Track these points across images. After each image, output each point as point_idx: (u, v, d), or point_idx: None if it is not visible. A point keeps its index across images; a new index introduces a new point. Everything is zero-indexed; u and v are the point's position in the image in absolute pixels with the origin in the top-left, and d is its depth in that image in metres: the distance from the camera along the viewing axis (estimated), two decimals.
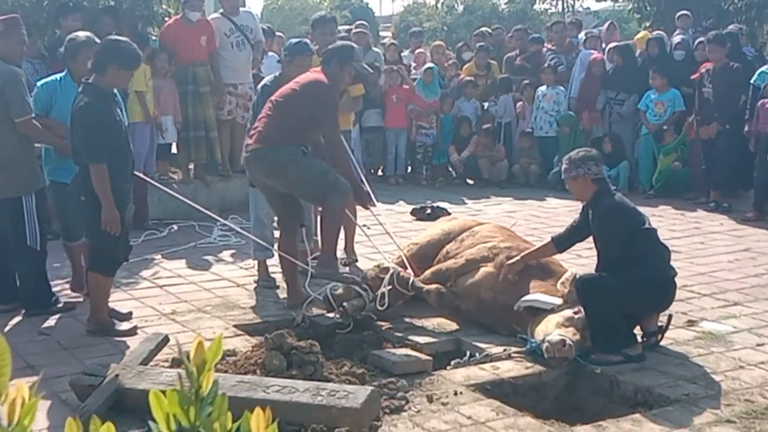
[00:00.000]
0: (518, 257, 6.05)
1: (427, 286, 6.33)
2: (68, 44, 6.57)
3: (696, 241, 9.08)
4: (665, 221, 10.02)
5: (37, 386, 1.24)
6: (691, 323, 6.30)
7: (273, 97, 6.50)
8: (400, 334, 5.93)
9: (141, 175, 6.90)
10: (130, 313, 6.31)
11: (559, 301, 5.69)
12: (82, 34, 6.62)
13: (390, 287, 6.24)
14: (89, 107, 5.73)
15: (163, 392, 1.25)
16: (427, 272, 6.51)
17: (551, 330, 5.42)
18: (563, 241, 6.13)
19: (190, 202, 6.79)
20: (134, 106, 9.49)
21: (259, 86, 7.57)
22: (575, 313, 5.54)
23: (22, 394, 1.13)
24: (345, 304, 6.13)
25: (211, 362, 1.25)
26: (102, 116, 5.76)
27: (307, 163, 6.19)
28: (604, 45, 12.99)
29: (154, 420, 1.26)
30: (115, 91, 6.04)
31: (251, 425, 1.23)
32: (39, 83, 6.83)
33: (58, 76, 6.65)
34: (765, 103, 10.13)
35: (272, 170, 6.27)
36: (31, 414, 1.13)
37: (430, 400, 4.92)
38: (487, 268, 6.21)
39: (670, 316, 5.80)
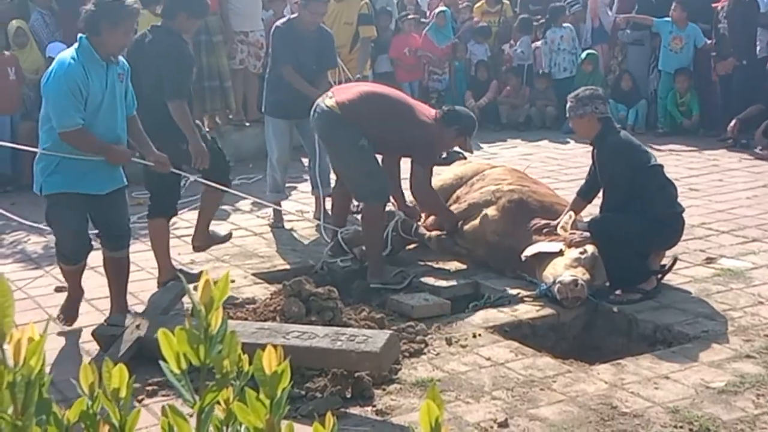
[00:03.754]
0: (562, 219, 5.89)
1: (428, 233, 6.35)
2: (113, 7, 5.00)
3: (714, 178, 9.02)
4: (683, 159, 9.95)
5: (46, 327, 1.25)
6: (709, 260, 6.28)
7: (384, 91, 6.32)
8: (418, 279, 5.95)
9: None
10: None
11: (561, 245, 5.67)
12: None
13: (394, 233, 6.28)
14: (177, 47, 5.90)
15: (172, 331, 1.26)
16: (431, 218, 6.50)
17: (560, 272, 5.42)
18: (587, 192, 6.07)
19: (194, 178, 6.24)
20: None
21: (272, 29, 7.52)
22: (581, 253, 5.54)
23: (29, 334, 1.13)
24: (355, 249, 6.17)
25: (218, 300, 1.25)
26: (185, 56, 5.99)
27: (363, 156, 6.00)
28: None
29: (165, 360, 1.26)
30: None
31: (263, 363, 1.23)
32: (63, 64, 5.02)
33: (70, 55, 4.98)
34: None
35: (330, 139, 6.12)
36: (38, 354, 1.14)
37: (449, 342, 4.94)
38: (490, 212, 6.16)
39: (675, 259, 5.77)
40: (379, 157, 6.28)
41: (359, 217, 6.77)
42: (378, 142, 6.07)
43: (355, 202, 7.28)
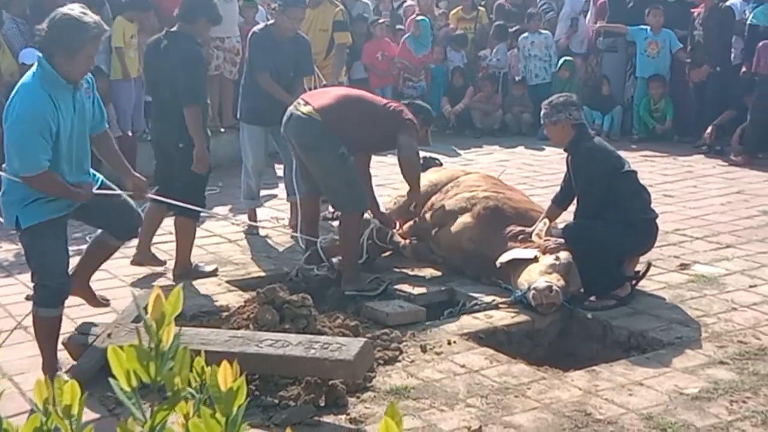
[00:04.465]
0: (537, 227, 5.91)
1: (403, 241, 6.34)
2: (70, 32, 4.44)
3: (689, 184, 9.07)
4: (657, 165, 10.00)
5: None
6: (683, 266, 6.30)
7: (356, 92, 6.46)
8: (394, 287, 5.93)
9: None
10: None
11: (536, 252, 5.68)
12: (88, 18, 4.51)
13: (370, 241, 6.28)
14: (196, 52, 6.07)
15: (122, 347, 1.23)
16: (406, 226, 6.49)
17: (535, 278, 5.43)
18: (562, 200, 6.08)
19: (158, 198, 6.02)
20: (116, 63, 9.39)
21: (249, 35, 7.49)
22: (556, 260, 5.55)
23: None
24: (334, 259, 6.15)
25: (170, 315, 1.22)
26: (202, 61, 6.20)
27: (343, 164, 5.95)
28: None
29: (114, 377, 1.23)
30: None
31: (218, 379, 1.20)
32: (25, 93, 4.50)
33: (32, 83, 4.45)
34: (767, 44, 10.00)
35: (310, 147, 6.01)
36: None
37: (423, 350, 4.93)
38: (465, 219, 6.16)
39: (648, 264, 5.79)
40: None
41: (335, 224, 6.75)
42: (359, 143, 6.07)
43: (331, 209, 7.26)
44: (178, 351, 1.19)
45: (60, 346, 4.80)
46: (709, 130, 10.47)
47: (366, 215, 6.37)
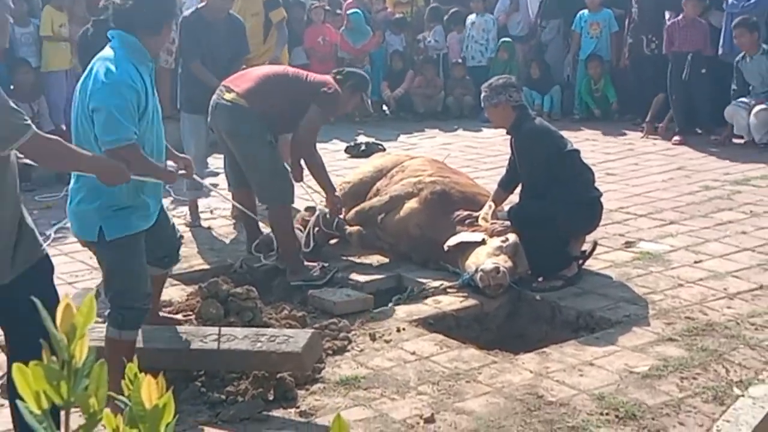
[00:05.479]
0: (484, 211, 5.87)
1: (349, 228, 6.26)
2: (168, 5, 4.32)
3: (630, 162, 9.11)
4: (599, 144, 10.05)
5: None
6: (628, 244, 6.32)
7: (278, 69, 6.23)
8: (340, 274, 5.85)
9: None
10: None
11: (483, 235, 5.64)
12: None
13: (317, 228, 6.19)
14: None
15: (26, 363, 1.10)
16: (351, 212, 6.39)
17: (482, 260, 5.39)
18: (508, 183, 6.04)
19: None
20: (47, 54, 9.15)
21: (179, 21, 7.29)
22: (503, 242, 5.52)
23: None
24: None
25: (82, 328, 1.09)
26: None
27: (270, 153, 5.84)
28: None
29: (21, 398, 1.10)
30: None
31: (142, 396, 1.09)
32: None
33: (122, 57, 4.04)
34: (678, 22, 10.07)
35: (236, 134, 5.87)
36: None
37: (372, 338, 4.86)
38: (412, 204, 6.09)
39: (595, 243, 5.78)
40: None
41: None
42: (287, 123, 5.94)
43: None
44: (93, 367, 1.07)
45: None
46: (646, 126, 10.49)
47: (314, 203, 6.29)
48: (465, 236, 5.69)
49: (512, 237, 5.57)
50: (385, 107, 12.86)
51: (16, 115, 3.32)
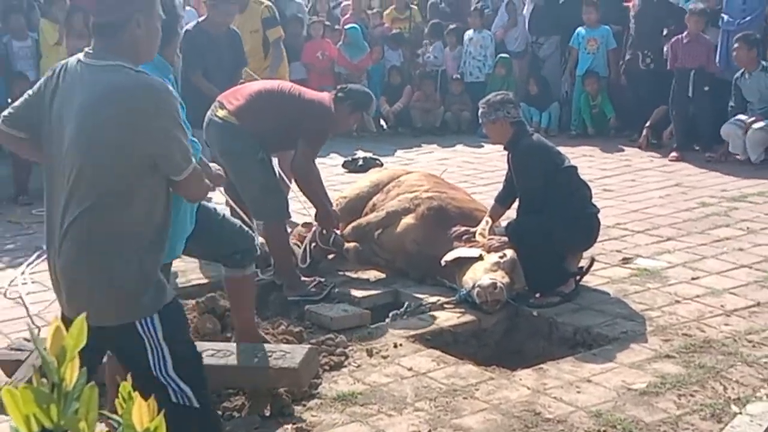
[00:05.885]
0: (481, 227, 5.85)
1: (346, 244, 6.24)
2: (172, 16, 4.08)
3: (627, 178, 9.12)
4: (596, 160, 10.06)
5: None
6: (626, 260, 6.32)
7: (271, 85, 6.12)
8: (337, 289, 5.83)
9: None
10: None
11: (480, 250, 5.64)
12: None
13: (314, 244, 6.18)
14: None
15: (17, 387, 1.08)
16: (348, 227, 6.37)
17: (479, 276, 5.39)
18: (505, 199, 6.04)
19: None
20: (46, 67, 9.15)
21: (182, 34, 7.30)
22: (500, 257, 5.52)
23: None
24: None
25: (72, 350, 1.06)
26: None
27: (263, 170, 5.80)
28: None
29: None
30: None
31: (133, 419, 1.07)
32: None
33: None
34: (681, 38, 10.10)
35: (229, 152, 5.80)
36: None
37: (370, 354, 4.84)
38: (409, 220, 6.08)
39: (592, 259, 5.78)
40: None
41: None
42: (280, 141, 5.92)
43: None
44: (84, 390, 1.04)
45: None
46: (644, 132, 10.54)
47: (311, 219, 6.27)
48: (462, 252, 5.68)
49: (509, 253, 5.56)
50: (383, 122, 12.86)
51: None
